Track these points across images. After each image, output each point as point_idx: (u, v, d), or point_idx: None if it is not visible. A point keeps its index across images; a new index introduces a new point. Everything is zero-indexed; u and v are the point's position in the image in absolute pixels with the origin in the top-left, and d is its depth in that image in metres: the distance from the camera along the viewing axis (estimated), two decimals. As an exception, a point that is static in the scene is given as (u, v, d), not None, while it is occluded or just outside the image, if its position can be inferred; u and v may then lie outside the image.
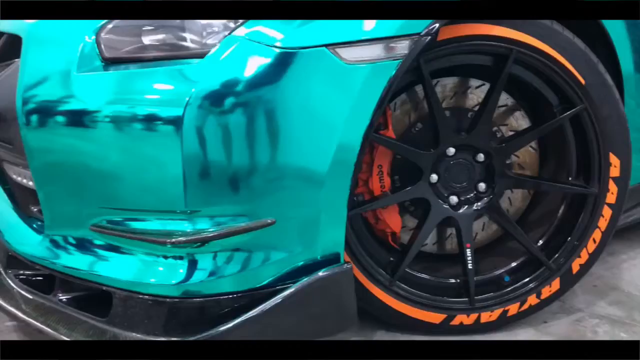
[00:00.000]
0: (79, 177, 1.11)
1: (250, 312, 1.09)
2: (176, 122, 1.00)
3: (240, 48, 1.01)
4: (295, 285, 1.10)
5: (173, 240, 1.07)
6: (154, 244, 1.09)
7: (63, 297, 1.22)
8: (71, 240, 1.18)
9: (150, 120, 1.02)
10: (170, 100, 1.01)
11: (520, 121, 1.38)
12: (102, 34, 1.10)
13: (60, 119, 1.10)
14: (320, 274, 1.11)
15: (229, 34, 1.03)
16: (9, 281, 1.28)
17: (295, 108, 1.02)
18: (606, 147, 1.27)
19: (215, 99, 1.00)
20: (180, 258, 1.10)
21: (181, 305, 1.10)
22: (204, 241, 1.07)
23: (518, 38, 1.19)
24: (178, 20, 1.07)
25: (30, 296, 1.23)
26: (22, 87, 1.13)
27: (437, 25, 1.07)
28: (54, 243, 1.19)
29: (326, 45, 1.01)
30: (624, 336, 1.35)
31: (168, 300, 1.10)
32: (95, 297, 1.21)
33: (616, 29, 1.31)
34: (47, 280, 1.27)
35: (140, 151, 1.04)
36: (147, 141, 1.03)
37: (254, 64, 1.01)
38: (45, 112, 1.11)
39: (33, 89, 1.13)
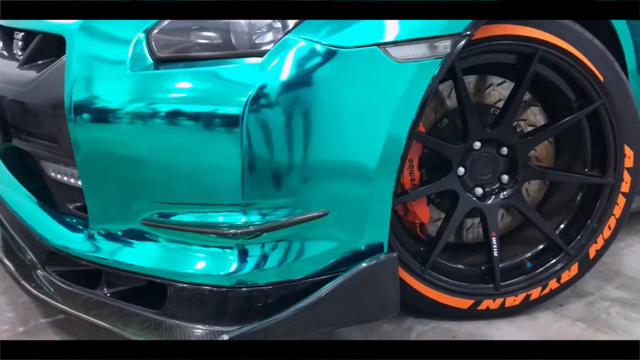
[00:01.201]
0: (132, 173, 1.13)
1: (307, 299, 1.13)
2: (237, 120, 1.04)
3: (297, 48, 1.06)
4: (346, 273, 1.15)
5: (230, 231, 1.11)
6: (209, 235, 1.13)
7: (109, 291, 1.24)
8: (120, 234, 1.20)
9: (209, 117, 1.06)
10: (231, 98, 1.05)
11: (537, 116, 1.47)
12: (155, 33, 1.13)
13: (114, 116, 1.12)
14: (369, 262, 1.17)
15: (286, 34, 1.07)
16: (51, 278, 1.30)
17: (350, 104, 1.07)
18: (622, 139, 1.36)
19: (274, 97, 1.05)
20: (235, 249, 1.13)
21: (237, 294, 1.14)
22: (260, 232, 1.11)
23: (543, 38, 1.27)
24: (230, 20, 1.11)
25: (76, 291, 1.25)
26: (70, 85, 1.15)
27: (475, 25, 1.14)
28: (102, 237, 1.21)
29: (377, 45, 1.07)
30: (634, 316, 1.45)
31: (224, 290, 1.14)
32: (139, 290, 1.24)
33: (623, 30, 1.41)
34: (87, 276, 1.29)
35: (198, 147, 1.08)
36: (206, 137, 1.07)
37: (311, 63, 1.05)
38: (98, 110, 1.13)
39: (83, 87, 1.15)
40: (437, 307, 1.39)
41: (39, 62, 1.32)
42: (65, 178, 1.32)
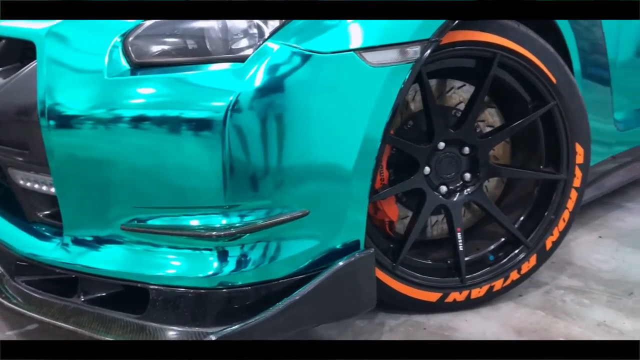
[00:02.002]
0: (110, 179, 1.13)
1: (289, 298, 1.16)
2: (219, 124, 1.06)
3: (277, 54, 1.09)
4: (326, 271, 1.19)
5: (211, 233, 1.12)
6: (190, 238, 1.14)
7: (86, 298, 1.23)
8: (98, 241, 1.19)
9: (191, 122, 1.08)
10: (213, 103, 1.07)
11: (494, 117, 1.55)
12: (132, 39, 1.14)
13: (90, 122, 1.12)
14: (347, 259, 1.21)
15: (265, 39, 1.10)
16: (21, 288, 1.27)
17: (329, 108, 1.11)
18: (573, 138, 1.46)
19: (256, 102, 1.07)
20: (216, 251, 1.15)
21: (218, 296, 1.15)
22: (241, 233, 1.13)
23: (501, 43, 1.35)
24: (211, 25, 1.13)
25: (51, 300, 1.23)
26: (43, 91, 1.14)
27: (442, 32, 1.21)
28: (78, 244, 1.20)
29: (354, 50, 1.11)
30: (586, 302, 1.56)
31: (205, 291, 1.15)
32: (118, 296, 1.24)
33: (569, 35, 1.52)
34: (61, 284, 1.27)
35: (180, 152, 1.09)
36: (187, 142, 1.08)
37: (291, 68, 1.09)
38: (73, 116, 1.13)
39: (57, 93, 1.14)
40: (407, 301, 1.45)
41: (6, 67, 1.29)
42: (36, 185, 1.29)
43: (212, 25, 1.14)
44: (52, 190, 1.23)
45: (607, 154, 1.85)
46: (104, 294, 1.25)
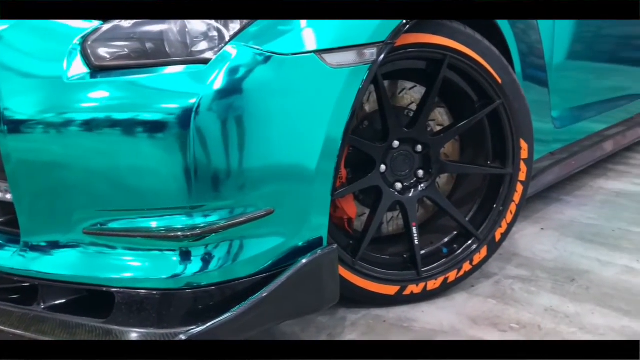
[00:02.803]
0: (72, 183, 1.12)
1: (255, 297, 1.17)
2: (184, 126, 1.07)
3: (240, 56, 1.11)
4: (291, 269, 1.21)
5: (176, 234, 1.13)
6: (154, 239, 1.14)
7: (47, 306, 1.20)
8: (58, 246, 1.17)
9: (154, 124, 1.08)
10: (177, 105, 1.07)
11: (444, 117, 1.63)
12: (90, 42, 1.13)
13: (49, 126, 1.10)
14: (311, 255, 1.24)
15: (229, 41, 1.12)
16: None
17: (291, 109, 1.14)
18: (518, 134, 1.55)
19: (220, 104, 1.08)
20: (181, 251, 1.15)
21: (184, 297, 1.16)
22: (207, 233, 1.14)
23: (451, 45, 1.42)
24: (172, 27, 1.14)
25: (7, 308, 1.20)
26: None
27: (396, 35, 1.26)
28: (37, 250, 1.18)
29: (314, 52, 1.15)
30: (533, 289, 1.65)
31: (171, 292, 1.15)
32: (81, 302, 1.22)
33: (511, 38, 1.61)
34: (17, 292, 1.24)
35: (145, 154, 1.09)
36: (152, 145, 1.08)
37: (253, 70, 1.11)
38: (31, 120, 1.11)
39: (14, 97, 1.12)
40: (367, 295, 1.49)
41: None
42: (-11, 192, 1.26)
43: (173, 27, 1.15)
44: (8, 196, 1.20)
45: (545, 150, 1.96)
46: (66, 301, 1.22)
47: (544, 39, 1.78)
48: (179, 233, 1.13)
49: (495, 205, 1.59)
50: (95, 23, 1.16)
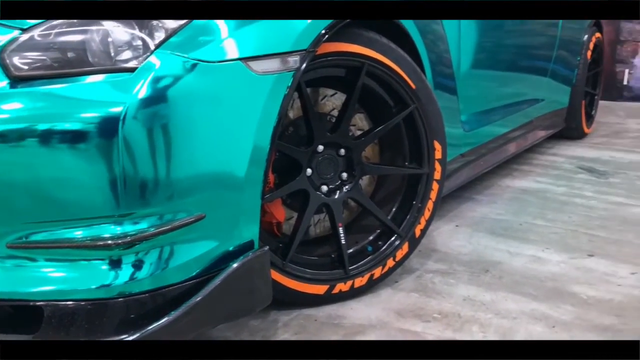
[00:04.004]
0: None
1: (187, 303, 1.18)
2: (111, 134, 1.07)
3: (166, 64, 1.12)
4: (224, 272, 1.24)
5: (106, 242, 1.12)
6: (84, 249, 1.13)
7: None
8: (-20, 263, 1.13)
9: (80, 134, 1.07)
10: (104, 114, 1.07)
11: (364, 122, 1.71)
12: (9, 52, 1.11)
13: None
14: (243, 258, 1.26)
15: (154, 49, 1.13)
16: None
17: (219, 115, 1.17)
18: (432, 136, 1.66)
19: (147, 112, 1.09)
20: (111, 260, 1.15)
21: (116, 306, 1.15)
22: (137, 241, 1.14)
23: (368, 54, 1.50)
24: (94, 36, 1.14)
25: None
26: None
27: (317, 43, 1.32)
28: (-43, 269, 1.13)
29: (240, 59, 1.19)
30: (452, 281, 1.76)
31: (102, 302, 1.14)
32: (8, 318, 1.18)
33: (422, 48, 1.73)
34: None
35: (69, 164, 1.08)
36: (77, 154, 1.08)
37: (180, 77, 1.13)
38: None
39: None
40: (298, 296, 1.54)
41: None
42: None
43: (95, 37, 1.15)
44: None
45: (456, 153, 2.10)
46: (-13, 319, 1.18)
47: (452, 49, 1.91)
48: (109, 241, 1.13)
49: (414, 203, 1.69)
50: (15, 33, 1.13)
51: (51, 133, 1.08)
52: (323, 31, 1.33)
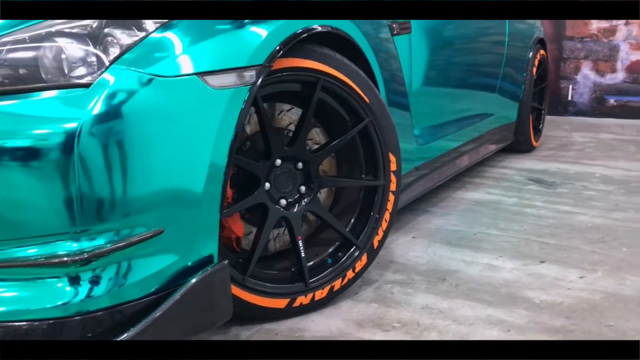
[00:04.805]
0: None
1: (146, 319, 1.17)
2: (66, 151, 1.07)
3: (121, 79, 1.13)
4: (183, 287, 1.23)
5: (62, 259, 1.11)
6: (38, 267, 1.11)
7: None
8: None
9: (34, 151, 1.06)
10: (59, 131, 1.07)
11: (320, 136, 1.74)
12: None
13: None
14: (203, 273, 1.26)
15: (109, 65, 1.14)
16: None
17: (176, 130, 1.17)
18: (386, 149, 1.70)
19: (102, 128, 1.09)
20: (67, 277, 1.13)
21: (73, 324, 1.13)
22: (94, 257, 1.13)
23: (323, 69, 1.54)
24: (47, 52, 1.13)
25: None
26: None
27: (272, 58, 1.35)
28: None
29: (196, 74, 1.20)
30: (410, 291, 1.79)
31: (59, 321, 1.12)
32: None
33: (375, 66, 1.77)
34: None
35: (24, 182, 1.07)
36: (31, 172, 1.07)
37: (136, 93, 1.13)
38: None
39: None
40: (258, 310, 1.54)
41: None
42: None
43: (48, 53, 1.14)
44: None
45: (411, 167, 2.15)
46: None
47: (404, 67, 1.97)
48: (65, 258, 1.11)
49: (371, 214, 1.72)
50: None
51: (2, 151, 1.07)
52: (277, 47, 1.36)
